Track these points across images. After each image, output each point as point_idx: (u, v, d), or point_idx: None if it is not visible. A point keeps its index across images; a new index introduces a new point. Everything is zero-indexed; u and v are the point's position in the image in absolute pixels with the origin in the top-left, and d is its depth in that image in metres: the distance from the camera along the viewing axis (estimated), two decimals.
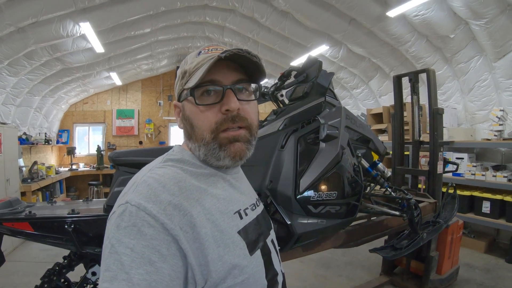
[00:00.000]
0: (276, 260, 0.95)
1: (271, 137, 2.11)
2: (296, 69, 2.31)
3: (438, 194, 3.58)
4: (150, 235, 0.66)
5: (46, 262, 4.43)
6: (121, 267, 0.63)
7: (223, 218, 0.80)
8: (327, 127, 2.01)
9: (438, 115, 3.62)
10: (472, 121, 5.71)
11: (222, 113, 0.84)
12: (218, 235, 0.76)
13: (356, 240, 2.50)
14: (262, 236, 0.92)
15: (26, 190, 6.06)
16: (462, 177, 5.05)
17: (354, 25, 5.78)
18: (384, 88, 7.22)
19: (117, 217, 0.70)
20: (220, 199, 0.83)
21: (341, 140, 2.03)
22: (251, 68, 0.88)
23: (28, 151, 7.47)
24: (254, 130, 0.90)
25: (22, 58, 5.51)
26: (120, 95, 10.24)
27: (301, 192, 1.88)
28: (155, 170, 0.82)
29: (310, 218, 1.89)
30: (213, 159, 0.86)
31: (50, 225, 2.05)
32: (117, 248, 0.65)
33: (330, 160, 1.95)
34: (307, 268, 4.33)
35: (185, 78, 0.90)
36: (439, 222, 2.95)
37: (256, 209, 0.97)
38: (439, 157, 3.63)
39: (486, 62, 5.09)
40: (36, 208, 2.28)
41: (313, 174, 1.91)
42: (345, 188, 2.00)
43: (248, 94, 0.90)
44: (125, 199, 0.73)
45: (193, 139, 0.88)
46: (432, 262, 3.56)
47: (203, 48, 0.92)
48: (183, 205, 0.73)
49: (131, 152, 2.26)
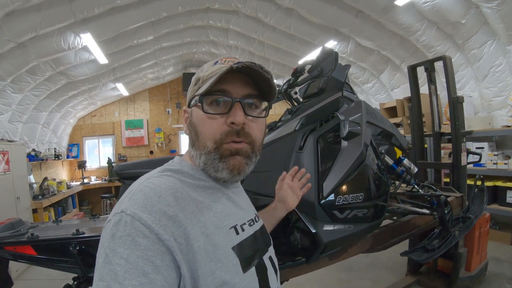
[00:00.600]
0: (273, 277, 0.93)
1: (288, 139, 1.95)
2: (310, 62, 2.14)
3: (464, 187, 3.39)
4: (144, 246, 0.66)
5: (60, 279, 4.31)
6: (114, 277, 0.63)
7: (218, 233, 0.79)
8: (348, 123, 1.84)
9: (458, 103, 3.43)
10: (488, 108, 5.49)
11: (227, 125, 0.84)
12: (211, 249, 0.75)
13: (384, 243, 2.32)
14: (259, 252, 0.91)
15: (38, 207, 5.98)
16: (483, 167, 4.87)
17: (361, 18, 5.62)
18: (395, 81, 7.04)
19: (112, 226, 0.70)
20: (216, 213, 0.83)
21: (364, 137, 1.87)
22: (263, 85, 0.88)
23: (38, 167, 7.42)
24: (256, 147, 0.90)
25: (25, 74, 5.46)
26: (128, 106, 10.18)
27: (325, 197, 1.71)
28: (152, 179, 0.82)
29: (336, 224, 1.72)
30: (212, 170, 0.86)
31: (53, 248, 1.89)
32: (111, 258, 0.65)
33: (354, 159, 1.79)
34: (329, 272, 4.15)
35: (197, 85, 0.90)
36: (470, 217, 2.76)
37: (254, 225, 0.96)
38: (462, 148, 3.44)
39: (499, 47, 4.90)
40: (39, 229, 2.12)
41: (337, 176, 1.75)
42: (372, 189, 1.84)
43: (257, 111, 0.90)
44: (121, 207, 0.72)
45: (196, 146, 0.88)
46: (461, 259, 3.37)
47: (220, 58, 0.92)
48: (178, 216, 0.73)
49: (136, 164, 2.15)
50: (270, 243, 1.02)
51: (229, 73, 0.82)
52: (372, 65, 7.10)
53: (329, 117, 1.99)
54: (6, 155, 4.93)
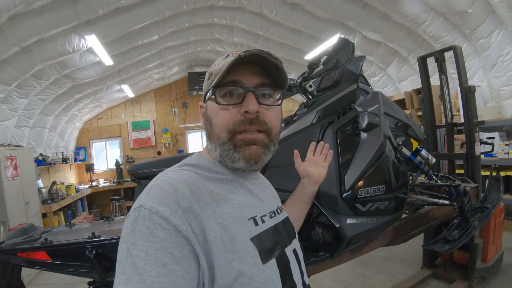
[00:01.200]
0: (296, 271, 0.91)
1: (305, 132, 1.91)
2: (326, 53, 2.10)
3: (478, 178, 3.35)
4: (162, 238, 0.68)
5: (72, 283, 4.35)
6: (135, 269, 0.64)
7: (235, 224, 0.80)
8: (367, 115, 1.80)
9: (470, 93, 3.40)
10: (498, 98, 5.45)
11: (241, 114, 0.84)
12: (227, 240, 0.75)
13: (404, 235, 2.30)
14: (280, 244, 0.89)
15: (47, 211, 6.01)
16: (495, 158, 4.86)
17: (367, 10, 5.58)
18: (403, 73, 6.97)
19: (132, 221, 0.71)
20: (234, 205, 0.83)
21: (383, 128, 1.84)
22: (274, 73, 0.89)
23: (47, 172, 7.44)
24: (274, 135, 0.90)
25: (30, 78, 5.44)
26: (134, 107, 10.18)
27: (347, 190, 1.68)
28: (169, 173, 0.84)
29: (359, 217, 1.69)
30: (228, 160, 0.87)
31: (69, 252, 1.84)
32: (132, 251, 0.67)
33: (374, 151, 1.75)
34: (345, 267, 4.08)
35: (210, 79, 0.90)
36: (488, 207, 2.74)
37: (276, 216, 0.95)
38: (476, 138, 3.40)
39: (507, 35, 4.84)
40: (53, 233, 2.08)
41: (358, 168, 1.71)
42: (392, 181, 1.80)
43: (270, 99, 0.91)
44: (139, 203, 0.74)
45: (212, 138, 0.89)
46: (477, 250, 3.35)
47: (232, 52, 0.91)
48: (193, 208, 0.74)
49: (150, 163, 2.09)
50: (294, 236, 1.01)
51: (240, 64, 0.84)
52: (379, 58, 7.03)
53: (346, 109, 1.95)
54: (14, 160, 4.92)
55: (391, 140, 1.96)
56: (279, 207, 1.02)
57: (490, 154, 4.57)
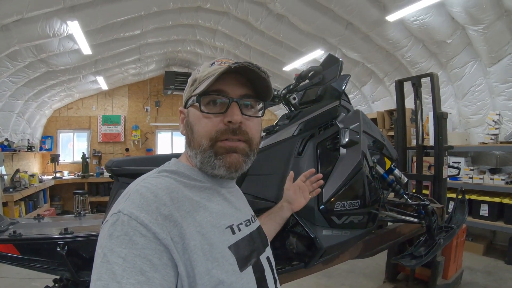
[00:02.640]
0: (270, 278, 0.94)
1: (286, 143, 1.96)
2: (315, 69, 2.16)
3: (444, 199, 3.53)
4: (141, 245, 0.67)
5: (30, 278, 4.18)
6: (112, 276, 0.63)
7: (214, 232, 0.80)
8: (348, 131, 1.87)
9: (442, 119, 3.58)
10: (466, 125, 5.74)
11: (224, 123, 0.85)
12: (207, 248, 0.76)
13: (372, 249, 2.38)
14: (256, 252, 0.91)
15: (8, 200, 5.77)
16: (459, 181, 5.08)
17: (350, 30, 5.73)
18: (377, 94, 7.21)
19: (109, 226, 0.70)
20: (212, 213, 0.84)
21: (362, 146, 1.91)
22: (259, 85, 0.90)
23: (10, 158, 7.09)
24: (254, 145, 0.92)
25: (4, 58, 5.22)
26: (106, 101, 9.92)
27: (325, 202, 1.74)
28: (148, 179, 0.83)
29: (334, 230, 1.75)
30: (209, 167, 0.87)
31: (39, 248, 1.77)
32: (109, 257, 0.65)
33: (353, 167, 1.82)
34: (309, 278, 4.11)
35: (194, 85, 0.92)
36: (452, 227, 2.91)
37: (251, 225, 0.97)
38: (444, 162, 3.57)
39: (480, 67, 5.12)
40: (21, 226, 2.00)
41: (336, 182, 1.78)
42: (367, 196, 1.88)
43: (253, 111, 0.92)
44: (118, 208, 0.73)
45: (192, 145, 0.90)
46: (439, 267, 3.50)
47: (217, 60, 0.94)
48: (174, 216, 0.74)
49: (131, 160, 2.03)
50: (267, 244, 1.03)
51: (226, 73, 0.84)
52: (355, 77, 7.21)
53: (328, 124, 2.02)
54: None
55: (367, 158, 2.03)
56: (253, 216, 1.04)
57: (455, 178, 4.80)
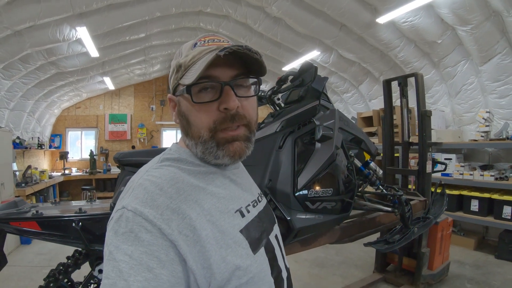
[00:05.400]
0: (280, 256, 0.93)
1: (269, 139, 2.22)
2: (293, 73, 2.44)
3: (428, 193, 3.70)
4: (147, 241, 0.65)
5: (41, 266, 4.45)
6: (119, 274, 0.62)
7: (224, 218, 0.78)
8: (322, 128, 2.12)
9: (426, 117, 3.76)
10: (459, 123, 5.89)
11: (220, 111, 0.80)
12: (219, 236, 0.74)
13: (350, 236, 2.61)
14: (265, 232, 0.90)
15: (21, 194, 6.04)
16: (450, 177, 5.22)
17: (344, 31, 5.93)
18: (373, 92, 7.41)
19: (114, 223, 0.69)
20: (220, 198, 0.81)
21: (336, 141, 2.14)
22: (250, 61, 0.83)
23: (22, 156, 7.45)
24: (253, 126, 0.87)
25: (17, 61, 5.56)
26: (113, 100, 10.27)
27: (299, 189, 1.99)
28: (151, 171, 0.80)
29: (308, 213, 2.00)
30: (212, 157, 0.83)
31: (57, 224, 2.14)
32: (115, 255, 0.65)
33: (325, 159, 2.06)
34: (302, 268, 4.44)
35: (180, 72, 0.84)
36: (429, 217, 3.06)
37: (258, 205, 0.95)
38: (428, 157, 3.76)
39: (472, 66, 5.26)
40: (41, 208, 2.36)
41: (310, 172, 2.03)
42: (340, 186, 2.11)
43: (247, 89, 0.86)
44: (122, 204, 0.72)
45: (190, 136, 0.85)
46: (424, 258, 3.71)
47: (198, 39, 0.86)
48: (182, 208, 0.71)
49: (136, 152, 2.38)
50: (274, 221, 1.01)
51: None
52: (352, 76, 7.44)
53: (306, 121, 2.26)
54: None
55: (345, 151, 2.27)
56: (260, 194, 1.02)
57: (446, 174, 4.98)
